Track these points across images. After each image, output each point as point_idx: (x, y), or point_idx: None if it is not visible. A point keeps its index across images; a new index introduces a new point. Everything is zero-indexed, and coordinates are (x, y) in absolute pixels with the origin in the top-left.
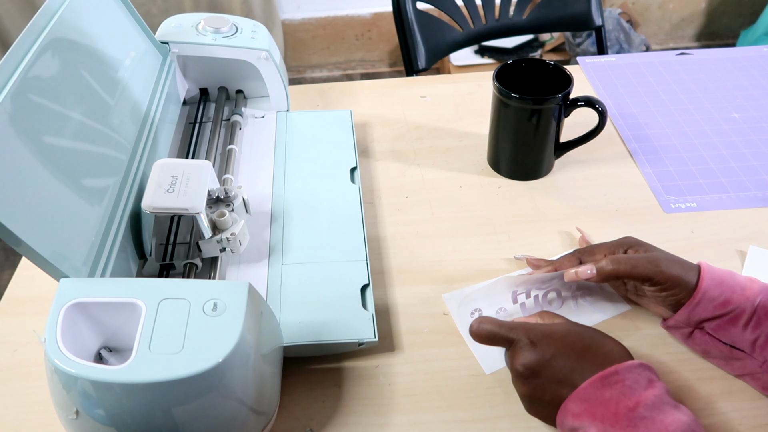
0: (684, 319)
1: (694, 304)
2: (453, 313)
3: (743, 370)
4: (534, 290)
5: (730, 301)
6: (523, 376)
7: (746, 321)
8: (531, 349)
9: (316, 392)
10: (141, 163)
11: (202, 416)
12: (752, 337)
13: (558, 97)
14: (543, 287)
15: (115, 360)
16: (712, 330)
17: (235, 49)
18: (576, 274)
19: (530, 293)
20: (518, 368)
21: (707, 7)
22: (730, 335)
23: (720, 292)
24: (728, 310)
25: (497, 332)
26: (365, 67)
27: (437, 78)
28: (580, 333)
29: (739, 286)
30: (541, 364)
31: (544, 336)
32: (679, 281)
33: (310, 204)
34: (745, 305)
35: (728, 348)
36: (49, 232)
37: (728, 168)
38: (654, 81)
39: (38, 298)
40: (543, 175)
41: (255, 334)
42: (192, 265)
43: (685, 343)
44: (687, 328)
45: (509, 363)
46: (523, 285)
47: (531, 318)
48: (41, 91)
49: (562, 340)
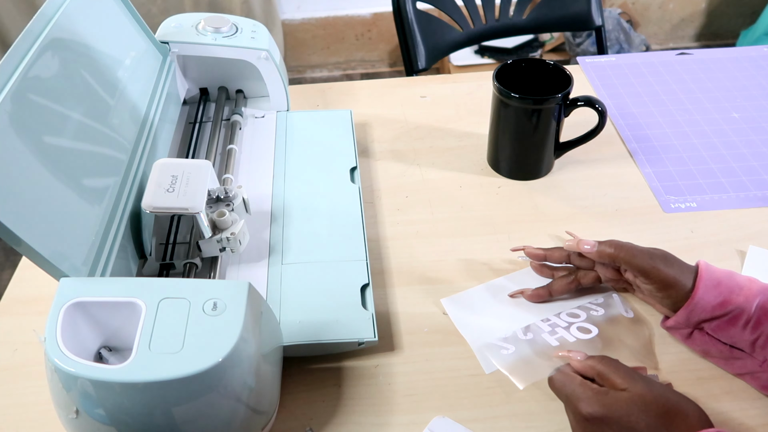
0: (683, 320)
1: (691, 307)
2: (452, 316)
3: (743, 370)
4: (561, 322)
5: (728, 302)
6: (588, 421)
7: (746, 321)
8: (601, 397)
9: (316, 392)
10: (141, 163)
11: (202, 415)
12: (752, 337)
13: (558, 97)
14: (566, 319)
15: (115, 359)
16: (711, 330)
17: (235, 48)
18: (577, 244)
19: (558, 329)
20: (584, 413)
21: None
22: (729, 335)
23: (718, 293)
24: (727, 311)
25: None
26: (365, 67)
27: (437, 78)
28: (662, 394)
29: (737, 287)
30: (611, 416)
31: (621, 389)
32: (674, 283)
33: (310, 204)
34: (744, 305)
35: (728, 348)
36: (49, 232)
37: (728, 168)
38: (654, 81)
39: (38, 298)
40: (543, 175)
41: (255, 333)
42: (192, 265)
43: (685, 343)
44: (686, 329)
45: (573, 404)
46: (528, 310)
47: (591, 361)
48: (41, 91)
49: (641, 398)
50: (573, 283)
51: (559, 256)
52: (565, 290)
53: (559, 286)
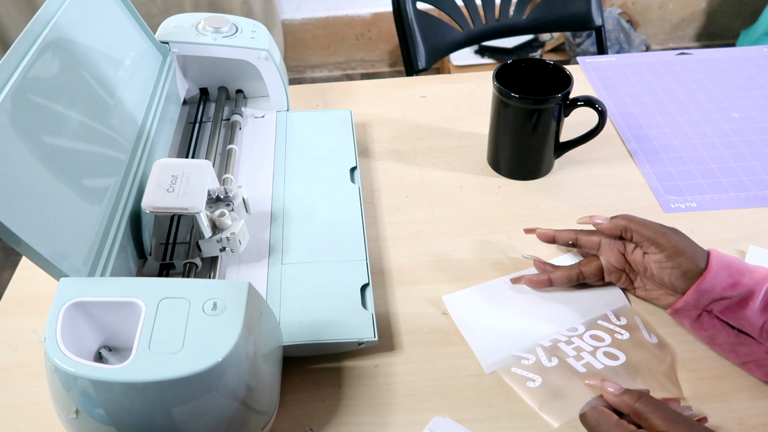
0: (693, 300)
1: (702, 285)
2: (453, 314)
3: (748, 357)
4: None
5: (739, 284)
6: None
7: (756, 304)
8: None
9: (316, 392)
10: (141, 163)
11: (202, 415)
12: (761, 321)
13: (558, 97)
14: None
15: (115, 359)
16: (720, 313)
17: (235, 48)
18: (591, 218)
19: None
20: None
21: (707, 7)
22: (738, 318)
23: (728, 274)
24: (737, 293)
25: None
26: (365, 67)
27: (437, 78)
28: None
29: (748, 270)
30: None
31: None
32: (684, 251)
33: (310, 204)
34: (755, 287)
35: (735, 333)
36: (49, 232)
37: (728, 168)
38: (654, 81)
39: (38, 297)
40: (543, 175)
41: (255, 333)
42: (192, 265)
43: (692, 328)
44: (695, 311)
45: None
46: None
47: (628, 398)
48: (41, 91)
49: None
50: (574, 271)
51: (567, 236)
52: (566, 279)
53: (561, 274)
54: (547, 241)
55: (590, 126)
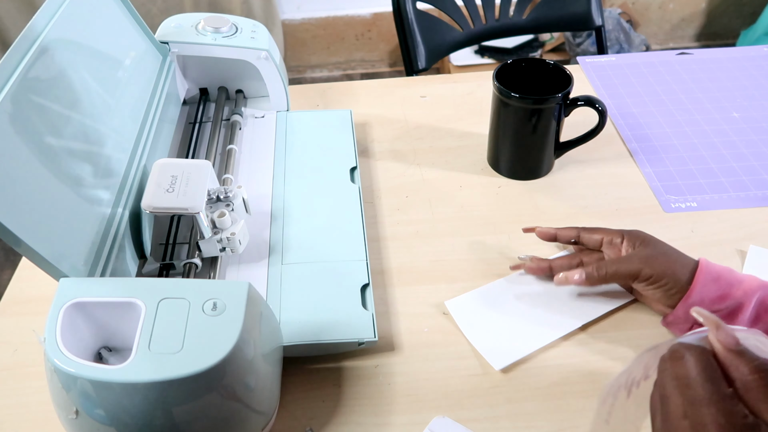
0: (682, 314)
1: (689, 301)
2: (457, 318)
3: None
4: None
5: (728, 296)
6: None
7: (745, 315)
8: None
9: (316, 392)
10: (141, 163)
11: (202, 416)
12: None
13: (558, 97)
14: None
15: (114, 360)
16: None
17: (235, 48)
18: (565, 278)
19: None
20: None
21: (707, 7)
22: None
23: (717, 287)
24: (726, 305)
25: None
26: (365, 67)
27: (437, 78)
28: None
29: (737, 281)
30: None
31: None
32: (664, 274)
33: (310, 204)
34: (744, 300)
35: None
36: (49, 232)
37: (728, 168)
38: (654, 81)
39: (38, 298)
40: (543, 175)
41: (255, 333)
42: (192, 265)
43: None
44: (686, 324)
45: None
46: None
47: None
48: (41, 91)
49: None
50: (575, 259)
51: (569, 234)
52: (566, 266)
53: (562, 261)
54: (547, 240)
55: (590, 126)
